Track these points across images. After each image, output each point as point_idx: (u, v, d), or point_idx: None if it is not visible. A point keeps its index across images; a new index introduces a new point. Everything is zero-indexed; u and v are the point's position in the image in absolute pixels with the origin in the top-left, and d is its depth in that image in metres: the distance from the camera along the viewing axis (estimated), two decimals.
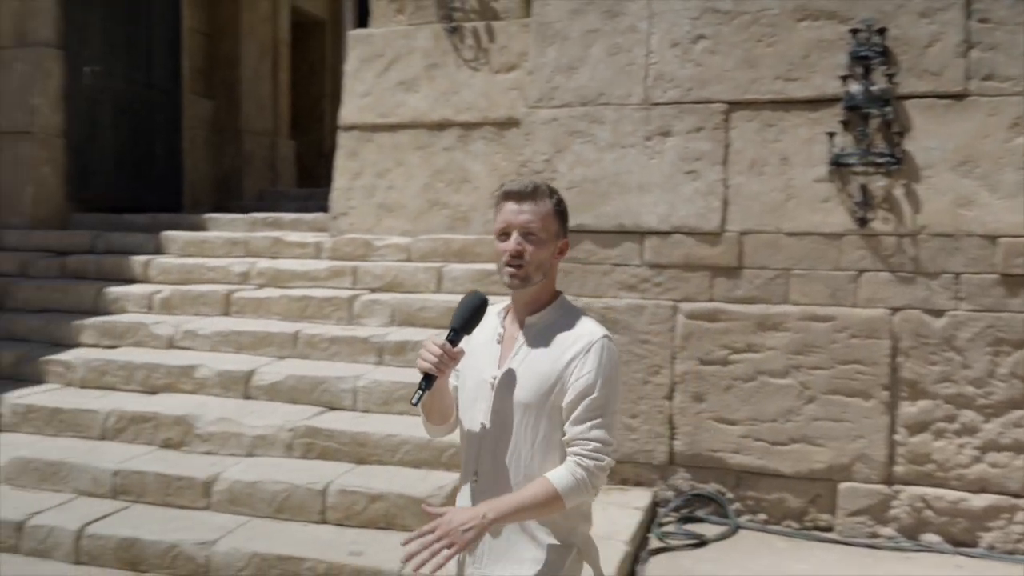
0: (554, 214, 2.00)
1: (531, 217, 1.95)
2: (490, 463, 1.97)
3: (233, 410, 4.40)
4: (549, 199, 2.00)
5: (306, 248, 5.99)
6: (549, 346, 1.96)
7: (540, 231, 1.95)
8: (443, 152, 5.80)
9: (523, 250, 1.93)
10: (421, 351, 1.93)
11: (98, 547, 3.64)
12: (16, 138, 6.89)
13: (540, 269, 1.96)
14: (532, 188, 1.98)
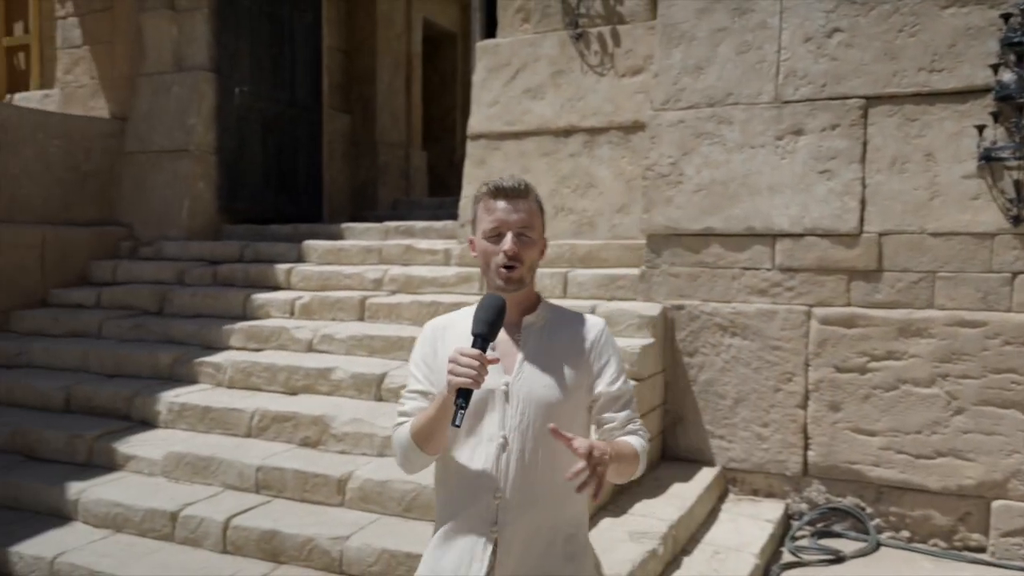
0: (539, 213, 1.98)
1: (525, 217, 1.91)
2: (519, 475, 1.86)
3: (366, 411, 4.57)
4: (536, 199, 1.99)
5: (436, 255, 6.15)
6: (562, 341, 1.93)
7: (531, 231, 1.93)
8: (569, 158, 5.81)
9: (518, 253, 1.88)
10: (451, 366, 1.74)
11: (242, 538, 3.87)
12: (175, 156, 7.44)
13: (532, 270, 1.94)
14: (524, 186, 1.94)
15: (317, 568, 3.68)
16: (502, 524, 1.87)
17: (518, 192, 1.92)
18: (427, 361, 1.98)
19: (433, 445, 1.86)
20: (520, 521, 1.87)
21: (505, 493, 1.86)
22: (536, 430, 1.86)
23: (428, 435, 1.84)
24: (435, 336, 2.00)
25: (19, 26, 9.71)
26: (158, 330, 6.04)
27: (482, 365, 1.73)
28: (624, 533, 3.73)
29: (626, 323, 4.82)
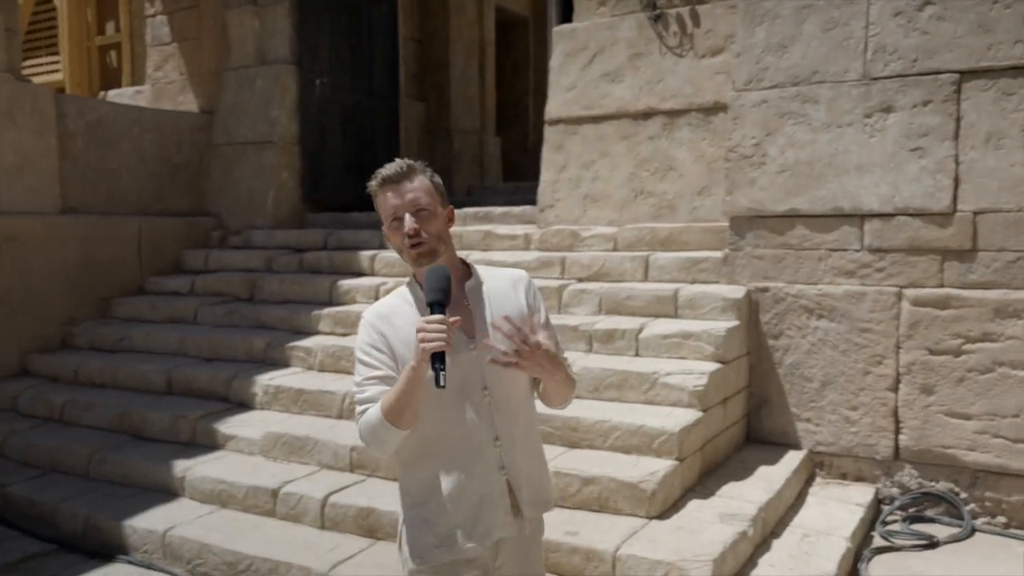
0: (433, 187, 2.11)
1: (417, 194, 2.05)
2: (508, 418, 2.07)
3: None
4: (423, 174, 2.11)
5: (515, 240, 6.22)
6: (503, 299, 2.12)
7: (428, 205, 2.06)
8: (648, 141, 5.80)
9: (420, 228, 2.03)
10: (420, 335, 1.87)
11: (340, 514, 4.02)
12: (259, 147, 7.68)
13: (441, 240, 2.08)
14: (407, 168, 2.08)
15: None
16: (509, 465, 2.08)
17: (402, 175, 2.06)
18: (378, 347, 2.07)
19: (407, 418, 1.95)
20: (520, 457, 2.10)
21: (503, 438, 2.06)
22: (510, 381, 2.06)
23: (401, 409, 1.94)
24: (379, 324, 2.10)
25: (111, 25, 10.13)
26: (250, 316, 6.27)
27: (448, 328, 1.87)
28: (713, 515, 3.75)
29: (710, 306, 4.81)
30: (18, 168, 6.36)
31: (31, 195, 6.43)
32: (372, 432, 2.02)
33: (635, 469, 3.81)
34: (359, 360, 2.10)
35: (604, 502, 3.76)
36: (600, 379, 4.46)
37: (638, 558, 3.32)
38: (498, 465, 2.07)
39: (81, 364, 6.08)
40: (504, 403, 2.07)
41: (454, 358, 1.96)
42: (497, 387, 2.06)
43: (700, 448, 4.20)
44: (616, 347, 4.76)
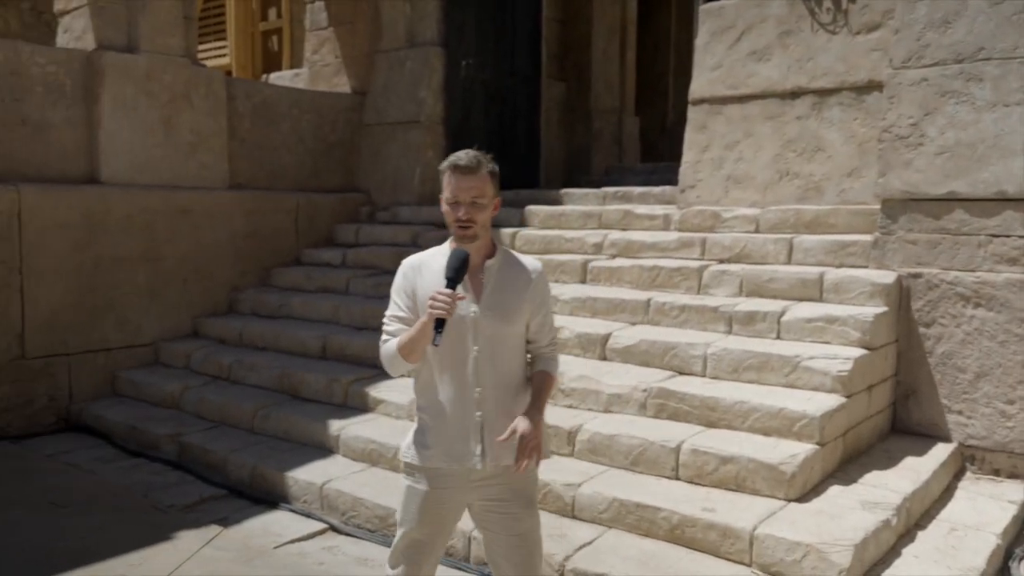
0: (490, 180, 2.45)
1: (476, 191, 2.40)
2: (490, 374, 2.46)
3: (591, 369, 4.79)
4: (486, 167, 2.44)
5: (655, 220, 6.24)
6: (511, 281, 2.50)
7: (482, 197, 2.41)
8: (795, 121, 5.68)
9: (472, 217, 2.39)
10: (431, 302, 2.30)
11: None
12: (407, 127, 8.00)
13: (484, 227, 2.45)
14: (477, 161, 2.42)
15: (551, 511, 3.97)
16: (484, 412, 2.47)
17: (470, 168, 2.41)
18: (407, 292, 2.52)
19: (414, 357, 2.43)
20: (495, 407, 2.48)
21: (484, 388, 2.47)
22: (498, 343, 2.47)
23: (411, 350, 2.41)
24: (413, 273, 2.54)
25: (272, 12, 10.75)
26: None
27: (453, 301, 2.32)
28: (855, 501, 3.70)
29: (857, 291, 4.70)
30: (193, 147, 6.92)
31: (204, 171, 6.99)
32: (388, 359, 2.50)
33: (774, 451, 3.82)
34: (391, 298, 2.56)
35: (742, 482, 3.79)
36: (739, 361, 4.45)
37: (776, 538, 3.34)
38: (475, 409, 2.47)
39: (245, 328, 6.59)
40: (488, 361, 2.46)
41: (459, 317, 2.40)
42: (485, 348, 2.46)
43: (842, 434, 4.14)
44: (756, 329, 4.74)
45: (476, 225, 2.41)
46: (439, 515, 2.54)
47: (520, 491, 2.53)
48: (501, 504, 2.51)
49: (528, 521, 2.55)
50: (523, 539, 2.54)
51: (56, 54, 6.27)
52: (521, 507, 2.52)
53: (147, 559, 3.86)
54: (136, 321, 6.50)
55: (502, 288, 2.48)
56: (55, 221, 5.99)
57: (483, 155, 2.45)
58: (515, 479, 2.50)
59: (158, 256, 6.61)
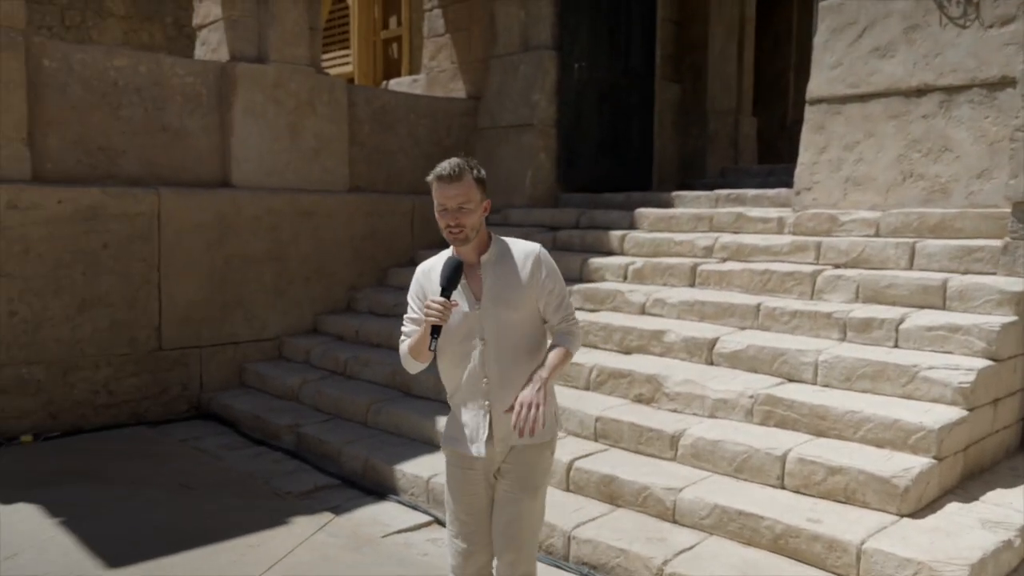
0: (476, 185, 2.55)
1: (462, 198, 2.52)
2: (496, 365, 2.60)
3: (697, 374, 4.74)
4: (470, 174, 2.54)
5: (768, 223, 6.10)
6: (509, 270, 2.61)
7: (469, 203, 2.53)
8: (920, 120, 5.42)
9: (460, 222, 2.52)
10: (426, 310, 2.48)
11: (584, 479, 4.26)
12: (520, 130, 8.12)
13: (474, 228, 2.57)
14: (459, 170, 2.52)
15: (651, 514, 3.96)
16: (492, 401, 2.61)
17: (452, 177, 2.52)
18: (419, 296, 2.68)
19: (422, 358, 2.60)
20: (501, 395, 2.60)
21: (490, 378, 2.61)
22: (504, 334, 2.60)
23: (418, 352, 2.59)
24: (421, 278, 2.71)
25: (393, 20, 11.12)
26: None
27: (446, 309, 2.48)
28: (974, 519, 3.52)
29: (984, 299, 4.45)
30: (316, 152, 7.25)
31: (326, 175, 7.32)
32: (404, 358, 2.70)
33: (887, 463, 3.67)
34: (408, 301, 2.73)
35: (851, 494, 3.67)
36: (853, 369, 4.30)
37: (886, 553, 3.22)
38: (484, 399, 2.62)
39: (362, 325, 6.86)
40: (496, 353, 2.60)
41: (464, 314, 2.58)
42: (492, 341, 2.60)
43: (963, 449, 3.93)
44: (872, 337, 4.56)
45: (466, 228, 2.55)
46: (470, 494, 2.71)
47: (525, 477, 2.65)
48: (512, 485, 2.65)
49: (525, 504, 2.65)
50: (516, 520, 2.64)
51: (193, 65, 6.72)
52: (520, 490, 2.64)
53: (264, 541, 4.10)
54: (262, 317, 6.88)
55: (501, 279, 2.61)
56: (190, 222, 6.42)
57: (467, 163, 2.57)
58: (524, 463, 2.63)
59: (283, 256, 6.97)
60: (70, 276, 5.88)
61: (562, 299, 2.67)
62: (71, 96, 6.05)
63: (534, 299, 2.63)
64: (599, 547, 3.74)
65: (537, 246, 2.68)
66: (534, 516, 2.69)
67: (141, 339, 6.22)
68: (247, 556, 3.92)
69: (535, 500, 2.68)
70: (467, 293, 2.61)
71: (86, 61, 6.12)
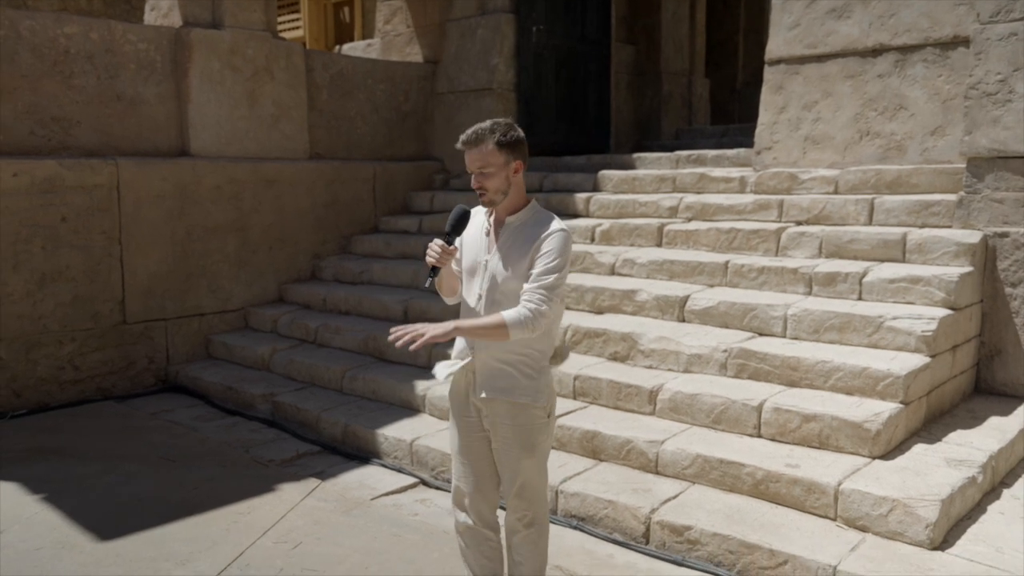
0: (498, 149, 2.60)
1: (480, 162, 2.61)
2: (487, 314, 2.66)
3: (670, 331, 4.87)
4: (492, 138, 2.60)
5: (731, 183, 6.24)
6: (523, 237, 2.66)
7: (488, 167, 2.61)
8: (876, 80, 5.59)
9: (482, 184, 2.63)
10: (427, 249, 2.67)
11: (566, 436, 4.37)
12: (479, 95, 8.10)
13: (499, 191, 2.65)
14: (475, 136, 2.61)
15: (634, 467, 4.10)
16: (476, 348, 2.71)
17: (470, 142, 2.62)
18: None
19: (445, 292, 2.84)
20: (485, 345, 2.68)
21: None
22: (495, 291, 2.67)
23: (442, 287, 2.82)
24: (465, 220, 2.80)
25: None
26: None
27: (444, 253, 2.66)
28: (939, 459, 3.73)
29: (941, 251, 4.66)
30: (275, 118, 7.14)
31: (286, 143, 7.22)
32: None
33: (858, 409, 3.86)
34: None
35: (825, 439, 3.85)
36: (820, 321, 4.48)
37: (862, 493, 3.41)
38: (470, 346, 2.73)
39: (329, 294, 6.83)
40: (491, 303, 2.68)
41: (477, 262, 2.73)
42: (489, 294, 2.70)
43: (926, 393, 4.15)
44: (837, 291, 4.74)
45: (488, 192, 2.65)
46: (465, 438, 2.83)
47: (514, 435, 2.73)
48: (505, 442, 2.75)
49: (524, 462, 2.75)
50: (514, 475, 2.76)
51: (146, 31, 6.53)
52: (519, 448, 2.74)
53: (254, 508, 4.12)
54: (226, 288, 6.80)
55: (513, 243, 2.67)
56: (150, 193, 6.29)
57: (494, 127, 2.62)
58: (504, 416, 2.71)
59: (245, 225, 6.89)
60: (28, 251, 5.73)
61: (543, 275, 2.58)
62: (21, 64, 5.83)
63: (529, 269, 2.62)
64: (587, 500, 3.86)
65: (561, 225, 2.65)
66: (531, 471, 2.77)
67: (104, 313, 6.11)
68: (239, 523, 3.94)
69: (530, 457, 2.75)
70: (486, 243, 2.73)
71: (35, 28, 5.90)
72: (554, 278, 2.58)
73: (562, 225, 2.66)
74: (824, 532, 3.40)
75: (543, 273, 2.58)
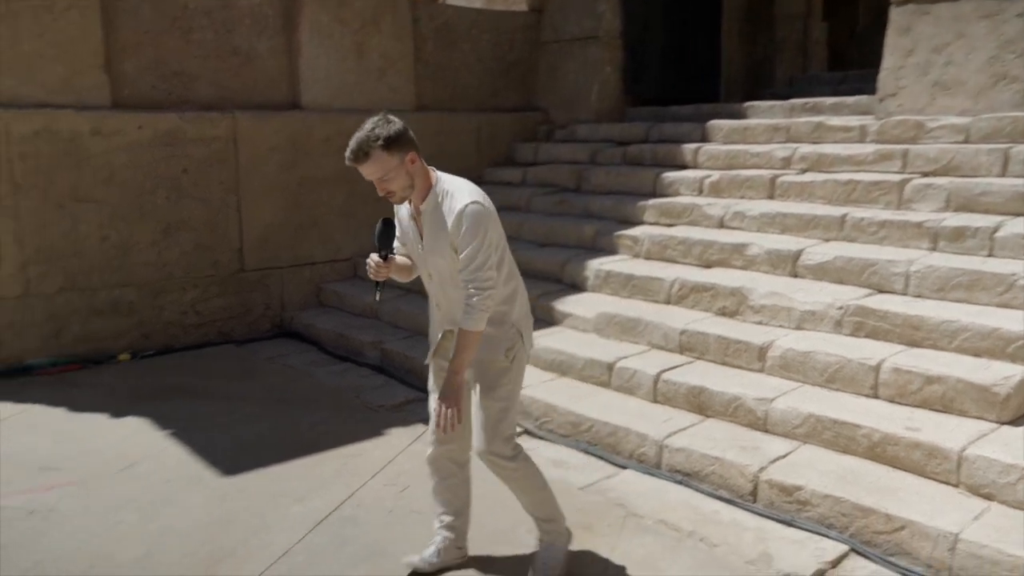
0: (386, 152, 2.61)
1: (377, 172, 2.64)
2: (442, 297, 2.88)
3: (782, 286, 4.72)
4: (375, 145, 2.59)
5: (850, 132, 5.94)
6: (439, 222, 2.73)
7: (387, 174, 2.65)
8: (1015, 19, 5.17)
9: (386, 189, 2.69)
10: (366, 266, 2.81)
11: (671, 391, 4.32)
12: (584, 43, 7.95)
13: (405, 188, 2.71)
14: (359, 150, 2.61)
15: (741, 424, 4.02)
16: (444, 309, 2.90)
17: (359, 157, 2.63)
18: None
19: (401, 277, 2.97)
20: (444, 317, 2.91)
21: (440, 303, 2.92)
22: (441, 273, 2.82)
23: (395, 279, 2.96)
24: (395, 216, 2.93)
25: None
26: (578, 205, 6.69)
27: (380, 268, 2.80)
28: None
29: None
30: (382, 70, 7.21)
31: (392, 94, 7.28)
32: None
33: (986, 372, 3.65)
34: None
35: (948, 402, 3.67)
36: (947, 279, 4.24)
37: (988, 459, 3.24)
38: (437, 307, 2.93)
39: None
40: (439, 285, 2.86)
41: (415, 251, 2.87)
42: (435, 275, 2.85)
43: None
44: (966, 246, 4.48)
45: (394, 194, 2.71)
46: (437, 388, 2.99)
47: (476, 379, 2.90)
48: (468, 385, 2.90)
49: (485, 401, 2.88)
50: (480, 412, 2.89)
51: None
52: (481, 390, 2.89)
53: (364, 451, 4.27)
54: (336, 238, 6.98)
55: (433, 228, 2.75)
56: (264, 145, 6.48)
57: (372, 131, 2.60)
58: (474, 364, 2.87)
59: (353, 177, 6.94)
60: (153, 201, 6.02)
61: (470, 261, 2.68)
62: (143, 20, 6.06)
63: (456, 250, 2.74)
64: (692, 455, 3.82)
65: (466, 201, 2.69)
66: (491, 410, 2.87)
67: (224, 261, 6.37)
68: (350, 465, 4.09)
69: (493, 399, 2.87)
70: (415, 234, 2.85)
71: None
72: (479, 260, 2.67)
73: (469, 198, 2.69)
74: (945, 498, 3.25)
75: (468, 259, 2.67)
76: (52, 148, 5.57)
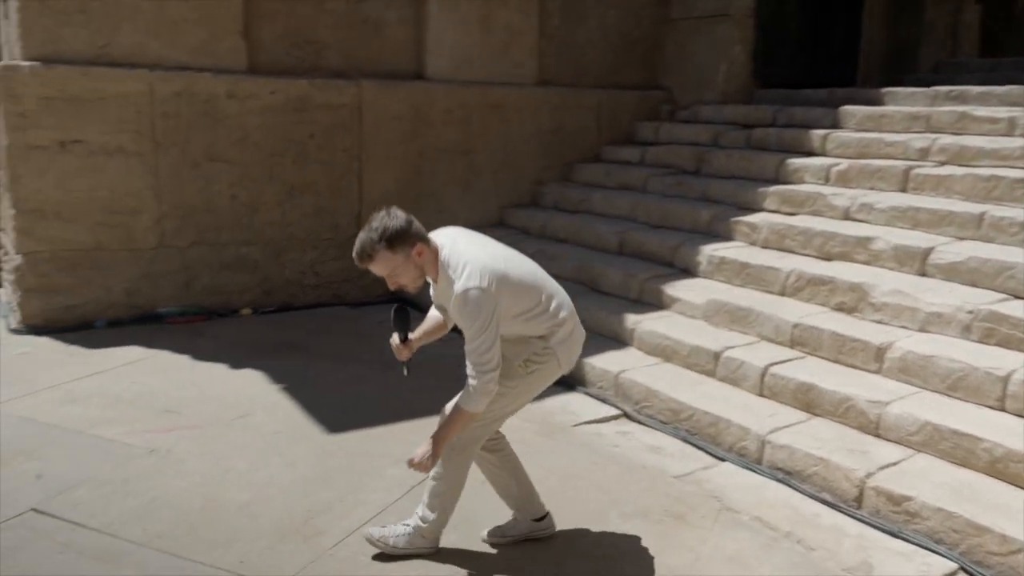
0: (390, 251, 2.64)
1: (385, 270, 2.68)
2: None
3: (907, 284, 4.47)
4: (379, 246, 2.63)
5: (996, 124, 5.53)
6: (449, 297, 2.73)
7: (394, 271, 2.69)
8: None
9: (396, 283, 2.73)
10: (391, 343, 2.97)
11: (778, 385, 4.18)
12: (715, 21, 7.70)
13: (416, 279, 2.76)
14: (364, 253, 2.66)
15: (851, 426, 3.85)
16: None
17: (366, 259, 2.67)
18: None
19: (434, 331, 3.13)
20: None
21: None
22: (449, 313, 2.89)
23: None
24: None
25: None
26: (696, 188, 6.53)
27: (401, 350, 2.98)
28: None
29: None
30: (506, 44, 7.22)
31: (515, 68, 7.29)
32: None
33: None
34: None
35: None
36: None
37: None
38: None
39: (548, 221, 6.92)
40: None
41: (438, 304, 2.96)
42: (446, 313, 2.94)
43: None
44: None
45: (406, 287, 2.75)
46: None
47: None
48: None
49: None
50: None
51: None
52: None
53: None
54: (452, 208, 7.07)
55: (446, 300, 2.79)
56: (388, 114, 6.62)
57: (375, 235, 2.63)
58: None
59: (472, 149, 7.09)
60: (281, 164, 6.26)
61: (470, 342, 2.68)
62: None
63: None
64: (796, 454, 3.69)
65: (465, 287, 2.65)
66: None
67: (343, 225, 6.58)
68: None
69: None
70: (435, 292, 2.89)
71: None
72: (478, 344, 2.67)
73: (467, 283, 2.65)
74: None
75: (469, 341, 2.69)
76: (191, 109, 5.88)
